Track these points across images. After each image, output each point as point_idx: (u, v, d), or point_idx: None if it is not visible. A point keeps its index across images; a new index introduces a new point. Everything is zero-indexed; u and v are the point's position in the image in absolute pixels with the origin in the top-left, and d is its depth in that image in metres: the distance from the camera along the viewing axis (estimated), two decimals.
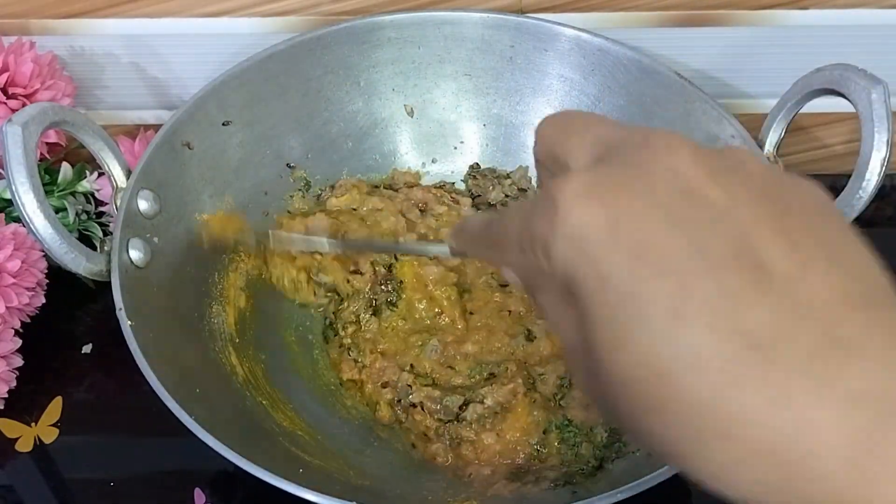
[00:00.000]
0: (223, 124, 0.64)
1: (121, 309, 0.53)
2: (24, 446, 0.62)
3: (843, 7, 0.65)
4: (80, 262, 0.54)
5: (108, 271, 0.55)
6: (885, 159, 0.54)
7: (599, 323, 0.25)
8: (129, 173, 0.59)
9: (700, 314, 0.23)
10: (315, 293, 0.65)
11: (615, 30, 0.66)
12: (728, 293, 0.23)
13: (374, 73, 0.69)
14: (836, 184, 0.74)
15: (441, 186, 0.72)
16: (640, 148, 0.26)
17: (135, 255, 0.56)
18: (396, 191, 0.70)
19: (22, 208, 0.52)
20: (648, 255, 0.24)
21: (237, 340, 0.62)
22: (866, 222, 0.54)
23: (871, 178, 0.54)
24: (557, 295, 0.27)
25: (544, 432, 0.58)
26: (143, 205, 0.58)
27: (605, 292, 0.24)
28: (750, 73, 0.70)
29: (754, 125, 0.61)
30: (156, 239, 0.58)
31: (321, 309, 0.66)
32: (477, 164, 0.72)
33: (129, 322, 0.53)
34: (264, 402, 0.59)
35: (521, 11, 0.67)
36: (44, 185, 0.54)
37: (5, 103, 0.64)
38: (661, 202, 0.25)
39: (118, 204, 0.57)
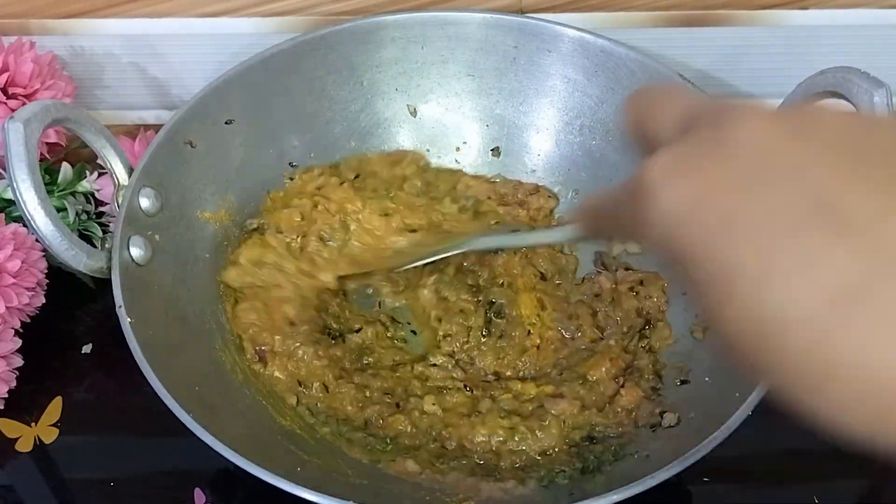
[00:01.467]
0: (226, 123, 0.64)
1: (120, 306, 0.53)
2: (24, 446, 0.62)
3: (844, 7, 0.66)
4: (80, 259, 0.54)
5: (109, 268, 0.55)
6: None
7: (701, 289, 0.26)
8: (131, 171, 0.58)
9: (783, 274, 0.24)
10: None
11: (615, 30, 0.66)
12: (808, 249, 0.24)
13: (377, 73, 0.69)
14: None
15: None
16: (719, 120, 0.28)
17: (135, 252, 0.56)
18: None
19: (23, 205, 0.52)
20: (732, 225, 0.25)
21: (237, 339, 0.62)
22: None
23: None
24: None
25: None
26: (144, 202, 0.58)
27: (699, 264, 0.26)
28: (751, 73, 0.70)
29: None
30: (157, 237, 0.58)
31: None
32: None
33: (129, 319, 0.53)
34: (264, 400, 0.59)
35: (521, 11, 0.67)
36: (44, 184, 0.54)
37: (5, 103, 0.64)
38: (740, 172, 0.26)
39: (120, 201, 0.57)
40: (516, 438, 0.58)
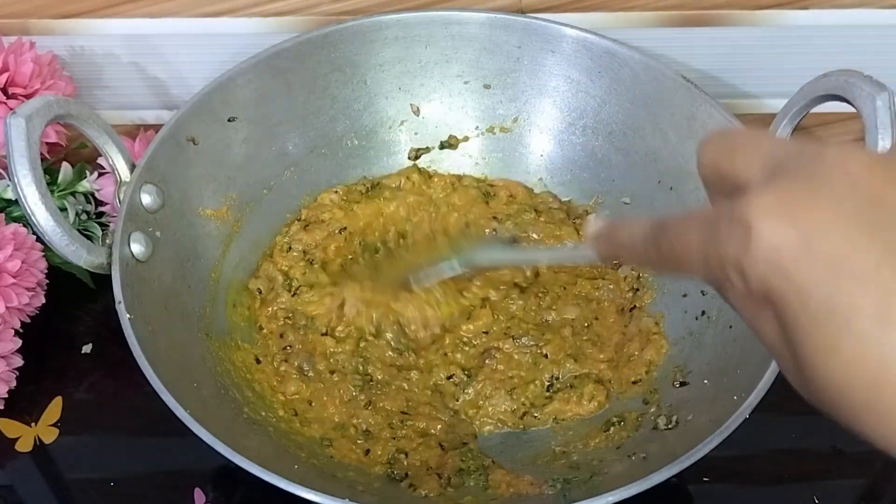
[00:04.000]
0: (228, 120, 0.64)
1: (120, 302, 0.53)
2: (24, 446, 0.62)
3: (845, 7, 0.66)
4: (80, 254, 0.54)
5: (109, 264, 0.55)
6: None
7: (806, 334, 0.26)
8: (132, 167, 0.58)
9: None
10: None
11: (615, 30, 0.66)
12: None
13: (380, 72, 0.69)
14: None
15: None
16: (814, 161, 0.27)
17: (136, 248, 0.56)
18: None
19: (24, 200, 0.52)
20: (846, 267, 0.25)
21: (236, 336, 0.62)
22: None
23: None
24: (753, 301, 0.28)
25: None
26: (146, 199, 0.58)
27: (809, 307, 0.25)
28: (751, 73, 0.70)
29: (757, 125, 0.61)
30: (158, 233, 0.58)
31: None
32: None
33: (129, 316, 0.52)
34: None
35: (521, 11, 0.67)
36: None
37: (5, 103, 0.64)
38: (847, 213, 0.26)
39: (121, 197, 0.57)
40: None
